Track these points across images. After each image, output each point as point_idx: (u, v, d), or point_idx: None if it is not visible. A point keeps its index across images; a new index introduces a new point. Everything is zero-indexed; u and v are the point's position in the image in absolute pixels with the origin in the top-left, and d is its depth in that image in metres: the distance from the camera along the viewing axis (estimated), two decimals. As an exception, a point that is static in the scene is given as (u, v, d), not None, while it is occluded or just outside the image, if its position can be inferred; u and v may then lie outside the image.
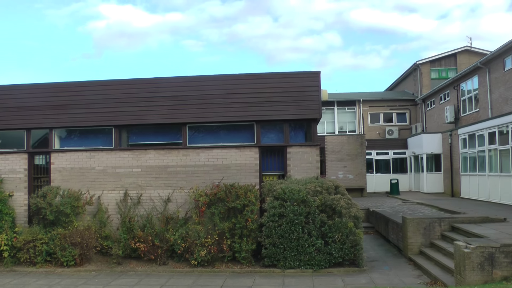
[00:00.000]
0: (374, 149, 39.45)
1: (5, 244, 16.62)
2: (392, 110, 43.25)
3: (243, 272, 14.97)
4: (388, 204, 26.75)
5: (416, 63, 43.19)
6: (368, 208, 23.90)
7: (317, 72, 17.03)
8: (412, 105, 43.66)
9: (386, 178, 38.48)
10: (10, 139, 20.11)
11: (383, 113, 43.06)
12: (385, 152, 39.87)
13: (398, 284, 12.76)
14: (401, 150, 39.83)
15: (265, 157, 17.36)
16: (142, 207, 17.33)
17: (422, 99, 42.22)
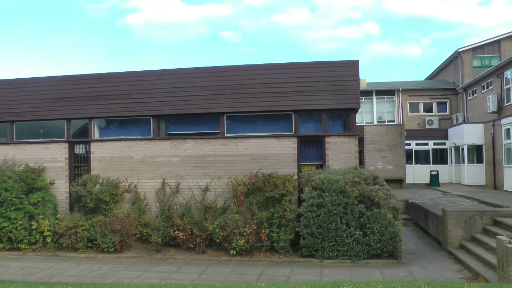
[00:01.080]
0: (414, 140, 38.82)
1: (48, 230, 17.12)
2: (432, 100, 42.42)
3: (281, 261, 14.98)
4: (428, 196, 26.38)
5: (457, 50, 42.09)
6: (407, 199, 23.65)
7: (356, 61, 16.89)
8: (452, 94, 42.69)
9: (425, 169, 37.91)
10: (51, 129, 20.51)
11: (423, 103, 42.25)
12: (425, 142, 39.19)
13: (438, 278, 12.53)
14: (441, 141, 39.09)
15: (303, 146, 17.32)
16: (180, 196, 17.49)
17: (464, 88, 41.14)
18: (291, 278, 12.94)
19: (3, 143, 19.80)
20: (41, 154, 19.04)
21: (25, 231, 17.30)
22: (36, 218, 17.41)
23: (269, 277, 13.09)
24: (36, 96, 19.18)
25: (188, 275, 13.61)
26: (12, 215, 17.33)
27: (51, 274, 14.25)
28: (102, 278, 13.55)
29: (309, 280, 12.48)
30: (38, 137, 20.24)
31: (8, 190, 17.43)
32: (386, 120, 39.57)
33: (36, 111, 19.22)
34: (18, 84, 19.61)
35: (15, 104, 19.42)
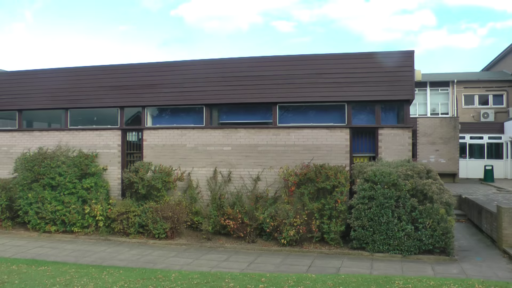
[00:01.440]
0: (468, 133, 37.89)
1: (100, 215, 17.44)
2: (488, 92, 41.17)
3: (331, 253, 14.87)
4: (482, 191, 25.82)
5: (516, 41, 40.86)
6: (460, 194, 23.17)
7: (411, 51, 16.56)
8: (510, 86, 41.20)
9: (480, 164, 37.02)
10: (104, 117, 20.88)
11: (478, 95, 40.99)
12: (480, 136, 38.22)
13: (492, 277, 12.13)
14: (497, 135, 38.03)
15: (356, 138, 17.13)
16: (232, 185, 17.53)
17: (522, 80, 39.98)
18: (341, 270, 12.82)
19: (58, 129, 20.20)
20: (95, 141, 19.35)
21: (78, 215, 17.67)
22: (89, 203, 17.74)
23: (319, 269, 13.00)
24: (91, 84, 19.49)
25: (238, 264, 13.62)
26: (65, 199, 17.71)
27: (103, 258, 14.50)
28: (153, 263, 13.69)
29: (360, 272, 12.36)
30: (91, 124, 20.63)
31: (62, 175, 17.79)
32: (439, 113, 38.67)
33: (90, 98, 19.54)
34: (73, 73, 19.97)
35: (70, 92, 19.78)
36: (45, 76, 20.35)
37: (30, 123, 23.52)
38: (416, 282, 10.83)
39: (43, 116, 23.51)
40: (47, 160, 18.01)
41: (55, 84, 20.00)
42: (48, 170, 17.82)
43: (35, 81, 20.42)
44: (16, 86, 20.73)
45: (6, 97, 20.84)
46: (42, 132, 20.36)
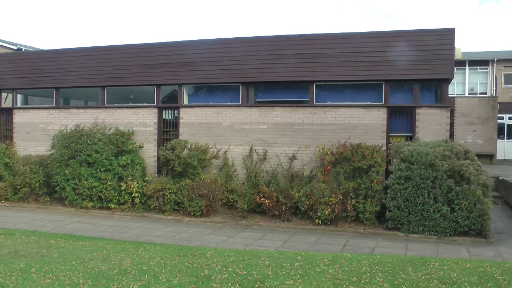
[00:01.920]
0: (507, 113, 37.04)
1: (136, 191, 17.61)
2: (528, 71, 40.31)
3: (366, 233, 14.80)
4: (520, 173, 25.42)
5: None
6: (497, 176, 22.78)
7: (451, 29, 16.18)
8: (551, 65, 40.45)
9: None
10: (141, 95, 21.06)
11: (519, 74, 40.21)
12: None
13: (528, 261, 11.98)
14: (537, 115, 37.33)
15: (393, 117, 16.91)
16: (267, 163, 17.52)
17: None
18: (376, 250, 12.74)
19: (94, 107, 20.44)
20: (131, 118, 19.48)
21: (114, 192, 17.88)
22: (125, 180, 17.91)
23: (354, 248, 12.95)
24: (127, 62, 19.58)
25: (272, 242, 13.63)
26: (102, 175, 17.93)
27: (139, 234, 14.64)
28: (188, 240, 13.76)
29: (394, 253, 12.25)
30: (128, 102, 20.78)
31: (98, 152, 17.99)
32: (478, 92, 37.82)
33: (126, 77, 19.65)
34: (110, 51, 20.10)
35: (106, 70, 19.93)
36: (82, 55, 20.50)
37: (67, 100, 23.87)
38: (452, 264, 10.69)
39: (80, 94, 23.80)
40: (83, 137, 18.20)
41: (92, 62, 20.17)
42: (84, 147, 18.03)
43: (72, 59, 20.60)
44: (53, 65, 20.93)
45: (43, 75, 21.07)
46: (79, 110, 20.57)
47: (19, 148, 21.51)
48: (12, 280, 9.24)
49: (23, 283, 9.08)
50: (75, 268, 10.11)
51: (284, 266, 10.25)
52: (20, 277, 9.40)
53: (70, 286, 8.92)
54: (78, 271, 9.88)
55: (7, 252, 11.58)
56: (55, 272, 9.75)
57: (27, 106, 22.82)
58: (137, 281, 9.18)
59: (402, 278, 9.44)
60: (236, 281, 9.16)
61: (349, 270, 10.01)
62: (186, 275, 9.54)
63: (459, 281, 9.29)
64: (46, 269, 9.95)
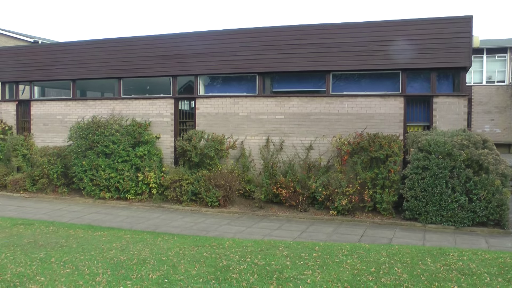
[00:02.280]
0: (525, 101, 36.91)
1: (154, 182, 17.71)
2: (547, 59, 39.75)
3: (383, 223, 14.76)
4: (539, 162, 25.16)
5: None
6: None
7: (469, 17, 16.00)
8: None
9: (537, 134, 36.09)
10: (157, 85, 21.13)
11: (538, 61, 39.63)
12: (537, 105, 37.14)
13: (548, 252, 11.87)
14: (555, 104, 36.89)
15: (410, 107, 16.81)
16: (284, 154, 17.50)
17: None
18: (393, 240, 12.71)
19: (111, 98, 20.51)
20: (147, 109, 19.53)
21: (131, 182, 17.96)
22: (142, 170, 17.99)
23: (371, 238, 12.92)
24: (143, 54, 19.61)
25: (290, 233, 13.64)
26: (119, 166, 18.01)
27: (157, 224, 14.73)
28: (206, 231, 13.82)
29: (412, 244, 12.21)
30: (144, 93, 20.88)
31: (115, 143, 18.05)
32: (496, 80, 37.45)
33: (143, 68, 19.67)
34: (125, 42, 20.12)
35: (123, 61, 19.97)
36: (98, 46, 20.58)
37: (83, 92, 24.01)
38: (471, 255, 10.63)
39: (96, 86, 23.94)
40: (101, 129, 18.28)
41: (108, 54, 20.24)
42: (102, 138, 18.10)
43: (88, 51, 20.68)
44: (70, 56, 21.03)
45: (60, 67, 21.17)
46: (95, 101, 20.67)
47: (37, 139, 21.66)
48: (32, 269, 9.34)
49: (43, 272, 9.17)
50: (94, 258, 10.19)
51: (302, 257, 10.26)
52: (40, 267, 9.50)
53: (90, 275, 8.99)
54: (97, 261, 9.95)
55: (27, 242, 11.72)
56: (74, 262, 9.83)
57: (44, 98, 23.00)
58: (156, 271, 9.23)
59: (421, 269, 9.41)
60: (254, 271, 9.18)
61: (367, 261, 10.00)
62: (205, 266, 9.57)
63: (479, 272, 9.24)
64: (66, 259, 10.05)
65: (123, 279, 8.81)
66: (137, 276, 8.93)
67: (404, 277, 8.92)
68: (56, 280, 8.73)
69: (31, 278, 8.84)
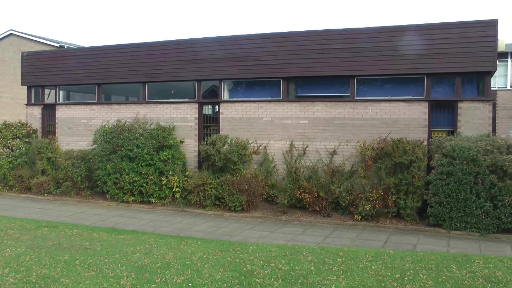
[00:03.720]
0: (551, 107, 36.36)
1: (177, 186, 17.80)
2: None
3: (407, 229, 14.67)
4: None
5: None
6: (542, 171, 22.34)
7: (494, 20, 15.84)
8: None
9: (562, 138, 35.48)
10: (181, 90, 21.25)
11: (563, 65, 39.00)
12: None
13: None
14: None
15: (434, 112, 16.69)
16: (307, 159, 17.48)
17: None
18: (417, 247, 12.62)
19: (135, 102, 20.65)
20: (172, 114, 19.63)
21: (155, 186, 18.07)
22: (166, 174, 18.09)
23: (395, 244, 12.84)
24: (168, 58, 19.74)
25: (313, 238, 13.61)
26: (143, 170, 18.12)
27: (180, 228, 14.78)
28: (229, 236, 13.83)
29: (436, 250, 12.12)
30: (168, 97, 21.01)
31: (139, 147, 18.16)
32: (520, 85, 37.01)
33: (167, 72, 19.82)
34: (150, 47, 20.28)
35: (147, 66, 20.12)
36: (123, 51, 20.78)
37: (108, 96, 24.19)
38: (497, 262, 10.52)
39: (121, 90, 24.11)
40: (125, 133, 18.40)
41: (133, 59, 20.39)
42: (126, 142, 18.22)
43: (113, 56, 20.91)
44: (95, 61, 21.26)
45: (85, 71, 21.39)
46: (120, 105, 20.82)
47: (62, 143, 21.89)
48: (57, 271, 9.43)
49: (68, 274, 9.25)
50: (118, 261, 10.25)
51: (326, 262, 10.23)
52: (65, 269, 9.58)
53: (114, 278, 9.06)
54: (122, 264, 10.02)
55: (51, 244, 11.82)
56: (98, 265, 9.91)
57: (69, 102, 23.22)
58: (180, 275, 9.26)
59: (446, 276, 9.34)
60: (279, 276, 9.18)
61: (392, 267, 9.95)
62: (229, 270, 9.59)
63: (505, 279, 9.14)
64: (90, 262, 10.12)
65: (147, 282, 8.86)
66: (161, 280, 8.97)
67: (429, 284, 8.87)
68: (80, 283, 8.79)
69: (56, 280, 8.92)
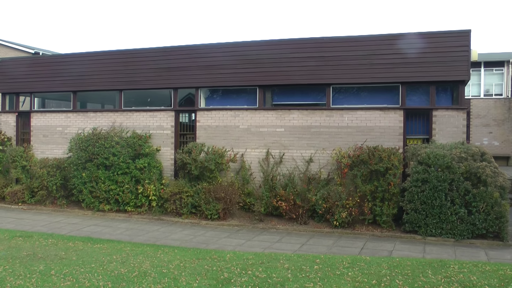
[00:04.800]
0: (523, 114, 37.03)
1: (153, 194, 17.75)
2: (544, 72, 39.85)
3: (383, 236, 14.79)
4: (537, 175, 25.24)
5: None
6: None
7: (468, 31, 16.13)
8: None
9: (534, 147, 36.15)
10: (158, 98, 21.23)
11: (535, 75, 39.72)
12: (535, 118, 37.27)
13: (547, 263, 11.90)
14: (552, 117, 37.01)
15: (409, 120, 16.89)
16: (284, 166, 17.53)
17: None
18: (393, 253, 12.74)
19: (111, 110, 20.55)
20: (148, 122, 19.57)
21: (131, 195, 17.99)
22: (142, 183, 18.01)
23: (371, 251, 12.95)
24: (144, 66, 19.70)
25: (290, 245, 13.66)
26: (119, 178, 18.03)
27: (157, 237, 14.73)
28: (205, 244, 13.82)
29: (412, 256, 12.25)
30: (145, 105, 20.95)
31: (115, 155, 18.06)
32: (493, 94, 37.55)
33: (144, 80, 19.77)
34: (127, 55, 20.22)
35: (123, 74, 20.06)
36: (100, 58, 20.68)
37: (84, 104, 24.05)
38: (471, 267, 10.68)
39: (97, 98, 24.00)
40: (101, 141, 18.27)
41: (109, 66, 20.32)
42: (102, 150, 18.10)
43: (89, 63, 20.77)
44: (71, 68, 21.10)
45: (61, 78, 21.25)
46: (96, 113, 20.71)
47: (36, 151, 21.67)
48: (32, 282, 9.33)
49: (43, 285, 9.17)
50: (95, 270, 10.19)
51: (303, 269, 10.28)
52: (40, 279, 9.49)
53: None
54: (98, 273, 9.96)
55: (26, 255, 11.71)
56: (74, 275, 9.83)
57: (44, 109, 23.01)
58: (157, 283, 9.24)
59: (422, 281, 9.44)
60: (256, 284, 9.20)
61: (368, 273, 10.03)
62: (206, 278, 9.59)
63: (479, 284, 9.28)
64: (66, 272, 10.04)
65: (125, 291, 8.83)
66: (139, 289, 8.94)
67: (406, 289, 8.95)
68: (56, 293, 8.74)
69: (31, 291, 8.85)
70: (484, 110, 32.56)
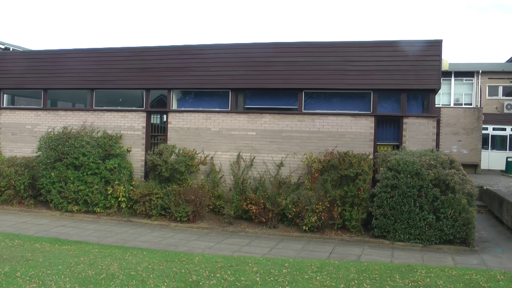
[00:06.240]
0: (491, 124, 37.49)
1: (123, 196, 17.58)
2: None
3: (352, 240, 14.88)
4: (503, 183, 25.61)
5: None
6: (482, 186, 22.97)
7: (439, 41, 16.35)
8: (535, 78, 40.76)
9: (502, 155, 36.68)
10: (130, 98, 21.07)
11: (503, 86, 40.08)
12: (503, 128, 37.81)
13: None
14: (520, 127, 37.75)
15: (380, 126, 17.04)
16: (255, 170, 17.56)
17: (547, 71, 39.22)
18: (362, 257, 12.84)
19: (82, 109, 20.37)
20: (119, 122, 19.45)
21: (100, 196, 17.81)
22: (112, 184, 17.84)
23: (340, 255, 13.02)
24: (117, 66, 19.59)
25: (259, 249, 13.67)
26: (88, 179, 17.85)
27: (125, 239, 14.61)
28: (175, 246, 13.77)
29: (380, 261, 12.36)
30: (116, 105, 20.78)
31: (85, 155, 17.87)
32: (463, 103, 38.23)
33: (116, 80, 19.67)
34: (99, 53, 20.12)
35: (96, 73, 19.91)
36: (72, 56, 20.46)
37: (54, 102, 23.74)
38: (438, 272, 10.84)
39: (68, 96, 23.73)
40: (71, 140, 18.08)
41: (81, 64, 20.09)
42: (72, 149, 17.90)
43: (61, 61, 20.53)
44: (42, 65, 20.89)
45: (31, 76, 20.98)
46: (67, 112, 20.49)
47: (4, 149, 21.37)
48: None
49: (8, 287, 9.03)
50: (62, 272, 10.07)
51: (272, 273, 10.30)
52: (5, 281, 9.34)
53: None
54: (65, 275, 9.85)
55: (-9, 256, 11.53)
56: (41, 277, 9.70)
57: (13, 106, 22.64)
58: (125, 286, 9.19)
59: (390, 285, 9.54)
60: (224, 287, 9.21)
61: (336, 277, 10.09)
62: (174, 281, 9.56)
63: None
64: (32, 273, 9.90)
65: (91, 293, 8.76)
66: (106, 291, 8.88)
67: (373, 294, 9.02)
68: (22, 295, 8.62)
69: (-4, 293, 8.73)
70: (453, 119, 33.04)
